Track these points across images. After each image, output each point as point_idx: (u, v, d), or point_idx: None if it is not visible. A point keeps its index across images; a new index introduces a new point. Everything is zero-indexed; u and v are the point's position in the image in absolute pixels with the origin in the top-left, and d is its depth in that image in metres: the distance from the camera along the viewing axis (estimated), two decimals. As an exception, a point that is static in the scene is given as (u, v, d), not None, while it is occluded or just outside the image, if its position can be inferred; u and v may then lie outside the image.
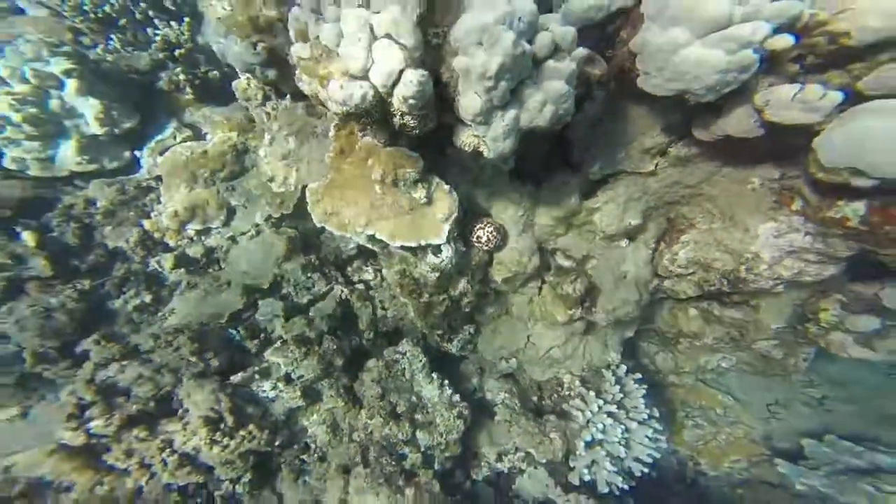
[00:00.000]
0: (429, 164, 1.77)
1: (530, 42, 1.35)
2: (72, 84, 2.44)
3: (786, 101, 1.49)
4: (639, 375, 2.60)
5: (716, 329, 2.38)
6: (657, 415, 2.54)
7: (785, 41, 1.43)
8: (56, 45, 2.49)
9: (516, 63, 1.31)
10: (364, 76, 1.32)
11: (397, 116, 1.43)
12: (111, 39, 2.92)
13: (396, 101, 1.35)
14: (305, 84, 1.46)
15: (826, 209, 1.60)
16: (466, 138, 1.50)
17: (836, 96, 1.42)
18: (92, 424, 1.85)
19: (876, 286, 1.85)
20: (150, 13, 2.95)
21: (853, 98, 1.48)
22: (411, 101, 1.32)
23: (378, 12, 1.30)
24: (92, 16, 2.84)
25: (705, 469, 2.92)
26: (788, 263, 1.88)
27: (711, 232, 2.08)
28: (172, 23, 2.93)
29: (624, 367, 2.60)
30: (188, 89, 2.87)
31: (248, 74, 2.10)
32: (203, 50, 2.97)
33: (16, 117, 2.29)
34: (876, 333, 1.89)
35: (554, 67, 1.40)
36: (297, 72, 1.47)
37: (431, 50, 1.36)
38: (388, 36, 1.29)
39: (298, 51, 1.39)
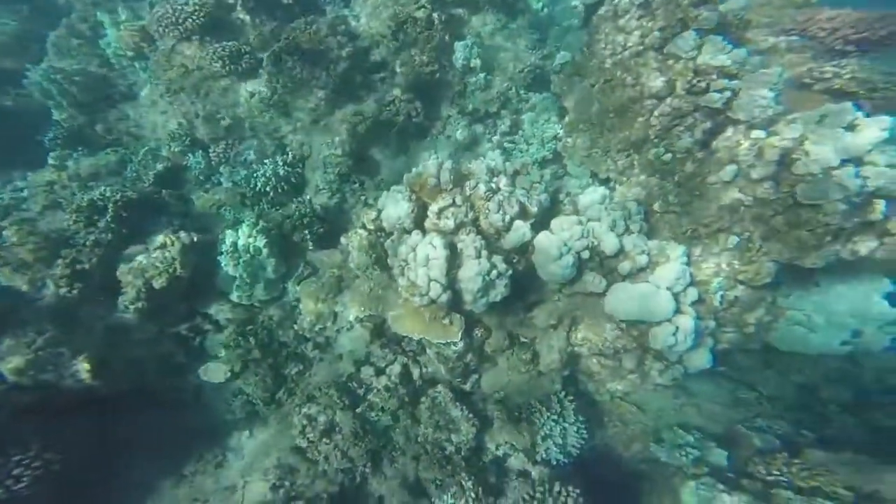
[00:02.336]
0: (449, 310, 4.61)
1: (489, 275, 4.18)
2: (265, 251, 5.33)
3: (589, 282, 4.30)
4: (571, 398, 5.32)
5: (605, 369, 5.13)
6: (582, 419, 5.26)
7: (586, 253, 4.26)
8: (258, 226, 5.37)
9: (485, 286, 4.15)
10: (427, 294, 4.17)
11: (438, 305, 4.28)
12: (260, 204, 5.86)
13: (438, 302, 4.19)
14: (405, 292, 4.32)
15: (618, 324, 4.40)
16: (466, 307, 4.34)
17: (604, 283, 4.22)
18: (308, 435, 4.69)
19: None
20: (285, 188, 5.87)
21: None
22: (444, 304, 4.17)
23: (431, 269, 4.16)
24: (255, 190, 5.77)
25: (622, 451, 5.62)
26: (618, 342, 4.64)
27: (590, 326, 4.87)
28: (299, 198, 5.82)
29: (563, 393, 5.33)
30: (309, 241, 5.72)
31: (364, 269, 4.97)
32: (314, 213, 5.80)
33: (244, 275, 5.19)
34: (662, 371, 4.64)
35: (499, 282, 4.23)
36: (402, 286, 4.33)
37: (450, 280, 4.20)
38: (436, 280, 4.14)
39: (402, 282, 4.27)
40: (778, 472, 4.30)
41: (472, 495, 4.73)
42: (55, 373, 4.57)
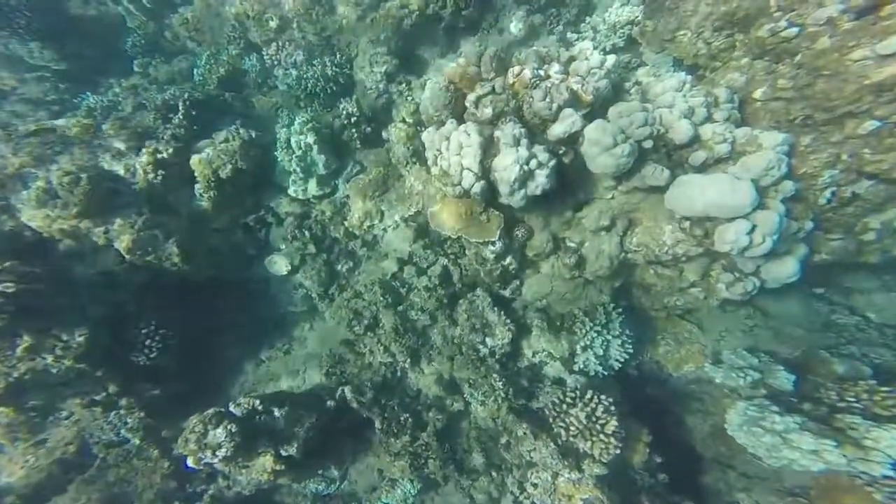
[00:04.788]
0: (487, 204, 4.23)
1: (528, 164, 3.68)
2: (315, 147, 5.33)
3: (649, 174, 3.59)
4: (620, 310, 4.82)
5: (662, 280, 4.49)
6: (629, 334, 4.77)
7: (648, 143, 3.54)
8: (308, 124, 5.35)
9: (522, 175, 3.67)
10: (459, 184, 3.81)
11: (472, 196, 3.92)
12: (313, 105, 5.78)
13: (472, 192, 3.83)
14: (437, 181, 4.01)
15: (680, 223, 3.69)
16: (503, 201, 3.93)
17: (667, 174, 3.48)
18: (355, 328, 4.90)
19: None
20: (334, 88, 5.71)
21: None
22: (478, 194, 3.79)
23: (464, 157, 3.76)
24: (306, 91, 5.69)
25: (671, 372, 5.10)
26: (679, 247, 3.95)
27: (647, 228, 4.19)
28: (348, 98, 5.63)
29: (612, 305, 4.84)
30: (357, 140, 5.60)
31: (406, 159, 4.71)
32: (362, 113, 5.61)
33: (297, 168, 5.29)
34: (730, 283, 3.90)
35: (539, 173, 3.71)
36: (434, 175, 4.02)
37: (485, 169, 3.78)
38: (468, 168, 3.75)
39: (435, 171, 3.94)
40: (853, 399, 3.55)
41: (502, 395, 4.66)
42: (155, 254, 5.16)
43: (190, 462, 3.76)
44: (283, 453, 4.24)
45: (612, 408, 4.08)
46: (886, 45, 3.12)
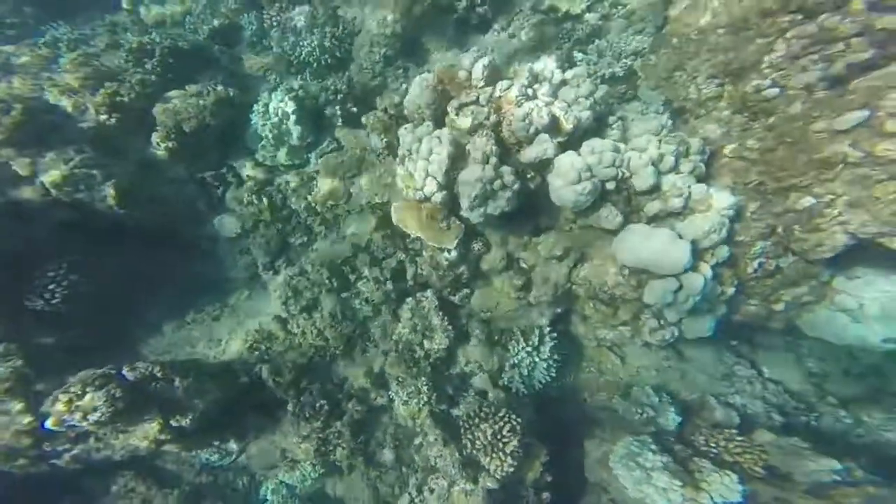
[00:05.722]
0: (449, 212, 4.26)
1: (491, 184, 3.74)
2: (293, 117, 5.15)
3: (603, 216, 3.75)
4: (555, 335, 5.01)
5: (598, 315, 4.72)
6: (557, 358, 4.98)
7: (611, 184, 3.68)
8: (291, 91, 5.15)
9: (485, 193, 3.73)
10: (421, 189, 3.82)
11: (431, 203, 3.94)
12: (304, 74, 5.59)
13: (433, 200, 3.85)
14: (401, 180, 4.00)
15: (621, 269, 3.89)
16: (463, 214, 3.98)
17: (619, 220, 3.66)
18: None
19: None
20: (329, 61, 5.53)
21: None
22: (440, 202, 3.82)
23: (431, 164, 3.77)
24: (299, 59, 5.49)
25: (586, 398, 5.39)
26: (618, 289, 4.16)
27: (595, 266, 4.38)
28: (340, 74, 5.48)
29: (547, 329, 5.03)
30: (339, 118, 5.45)
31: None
32: (351, 92, 5.47)
33: (269, 135, 5.09)
34: (654, 329, 4.17)
35: (502, 194, 3.78)
36: (398, 173, 4.00)
37: (451, 180, 3.81)
38: (432, 176, 3.76)
39: (400, 172, 3.92)
40: (714, 445, 4.01)
41: (425, 398, 4.73)
42: (88, 193, 4.79)
43: (49, 423, 3.43)
44: (174, 423, 4.09)
45: (518, 428, 4.24)
46: (842, 122, 3.29)
